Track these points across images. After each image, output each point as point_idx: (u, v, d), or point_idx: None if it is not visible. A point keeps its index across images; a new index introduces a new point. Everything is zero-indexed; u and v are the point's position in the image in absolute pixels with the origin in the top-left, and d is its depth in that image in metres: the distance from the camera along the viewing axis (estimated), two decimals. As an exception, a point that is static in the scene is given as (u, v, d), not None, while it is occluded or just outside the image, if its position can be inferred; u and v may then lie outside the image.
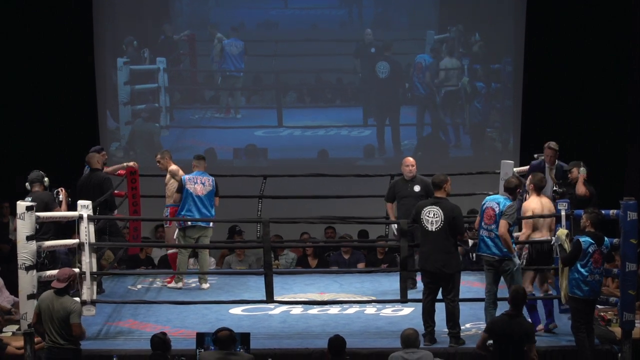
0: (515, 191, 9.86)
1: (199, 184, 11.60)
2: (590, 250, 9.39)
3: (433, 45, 15.68)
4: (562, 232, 9.76)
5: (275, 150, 15.84)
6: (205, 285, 11.74)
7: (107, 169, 12.02)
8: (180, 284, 11.76)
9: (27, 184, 10.53)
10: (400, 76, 15.80)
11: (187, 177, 11.62)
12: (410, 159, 11.57)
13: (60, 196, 10.52)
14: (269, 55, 15.87)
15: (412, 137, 15.91)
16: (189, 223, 11.48)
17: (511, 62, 15.71)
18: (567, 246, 9.60)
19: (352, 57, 15.84)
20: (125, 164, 12.27)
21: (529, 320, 9.45)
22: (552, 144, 11.47)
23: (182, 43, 15.76)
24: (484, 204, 9.83)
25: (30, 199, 10.12)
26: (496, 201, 9.74)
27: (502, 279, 9.81)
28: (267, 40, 15.86)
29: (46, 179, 10.53)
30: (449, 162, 15.58)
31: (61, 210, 10.35)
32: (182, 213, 11.50)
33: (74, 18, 15.08)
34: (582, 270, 9.39)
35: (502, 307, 9.36)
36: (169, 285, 11.80)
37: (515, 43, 15.60)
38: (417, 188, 11.35)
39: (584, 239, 9.40)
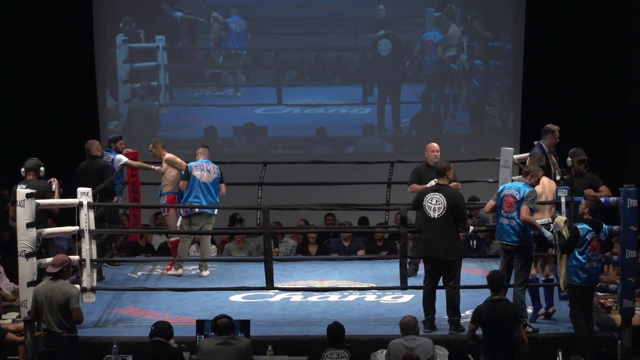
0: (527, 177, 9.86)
1: (205, 171, 11.60)
2: (588, 238, 9.38)
3: (432, 22, 15.65)
4: (561, 219, 9.76)
5: (274, 129, 15.84)
6: (206, 273, 11.74)
7: (133, 163, 11.97)
8: (180, 271, 11.76)
9: (22, 170, 10.49)
10: (402, 54, 15.77)
11: (193, 164, 11.62)
12: (435, 144, 11.48)
13: (53, 186, 10.50)
14: (269, 34, 15.81)
15: (411, 114, 15.89)
16: (196, 210, 11.47)
17: (510, 39, 15.67)
18: (565, 233, 9.60)
19: (352, 35, 15.78)
20: (153, 166, 12.11)
21: (528, 304, 9.48)
22: (554, 125, 11.38)
23: (181, 21, 15.70)
24: (501, 191, 9.78)
25: (25, 186, 10.09)
26: (515, 188, 9.69)
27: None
28: (267, 18, 15.81)
29: (42, 168, 10.49)
30: (448, 139, 15.61)
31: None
32: (190, 200, 11.50)
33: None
34: (579, 257, 9.38)
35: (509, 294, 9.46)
36: (169, 272, 11.80)
37: (515, 21, 15.56)
38: None
39: (582, 226, 9.39)
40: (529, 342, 8.83)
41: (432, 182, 10.98)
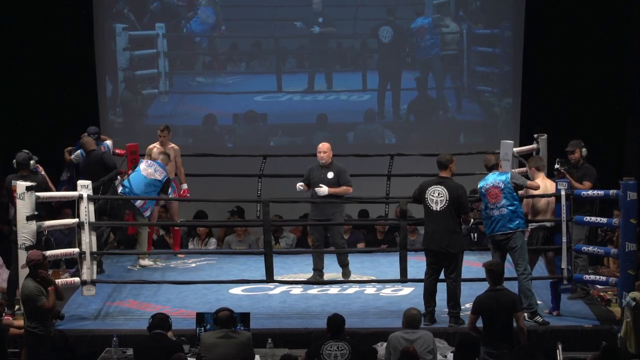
0: (497, 168, 9.94)
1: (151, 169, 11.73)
2: None
3: (433, 9, 15.63)
4: (634, 294, 9.37)
5: (274, 116, 15.81)
6: (144, 263, 11.81)
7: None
8: (148, 262, 11.82)
9: (14, 161, 10.43)
10: (403, 41, 15.75)
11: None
12: (324, 144, 11.21)
13: (43, 172, 10.48)
14: (269, 20, 15.77)
15: (411, 101, 15.84)
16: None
17: (510, 27, 15.64)
18: None
19: (351, 22, 15.74)
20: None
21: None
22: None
23: (181, 9, 15.65)
24: (481, 187, 9.81)
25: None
26: (496, 180, 9.73)
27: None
28: (267, 5, 15.76)
29: (32, 161, 10.39)
30: (448, 125, 15.61)
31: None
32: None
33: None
34: None
35: (511, 286, 9.41)
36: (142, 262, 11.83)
37: (515, 8, 15.53)
38: (330, 175, 11.04)
39: None
40: (530, 335, 8.82)
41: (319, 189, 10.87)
